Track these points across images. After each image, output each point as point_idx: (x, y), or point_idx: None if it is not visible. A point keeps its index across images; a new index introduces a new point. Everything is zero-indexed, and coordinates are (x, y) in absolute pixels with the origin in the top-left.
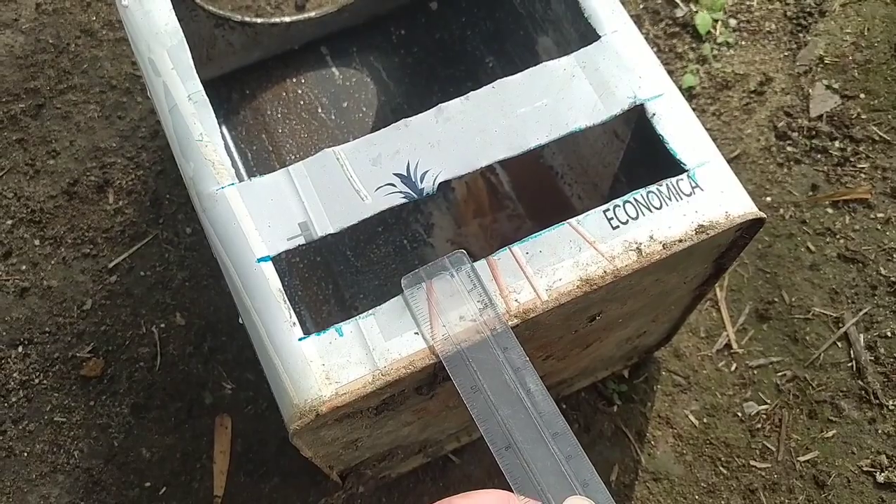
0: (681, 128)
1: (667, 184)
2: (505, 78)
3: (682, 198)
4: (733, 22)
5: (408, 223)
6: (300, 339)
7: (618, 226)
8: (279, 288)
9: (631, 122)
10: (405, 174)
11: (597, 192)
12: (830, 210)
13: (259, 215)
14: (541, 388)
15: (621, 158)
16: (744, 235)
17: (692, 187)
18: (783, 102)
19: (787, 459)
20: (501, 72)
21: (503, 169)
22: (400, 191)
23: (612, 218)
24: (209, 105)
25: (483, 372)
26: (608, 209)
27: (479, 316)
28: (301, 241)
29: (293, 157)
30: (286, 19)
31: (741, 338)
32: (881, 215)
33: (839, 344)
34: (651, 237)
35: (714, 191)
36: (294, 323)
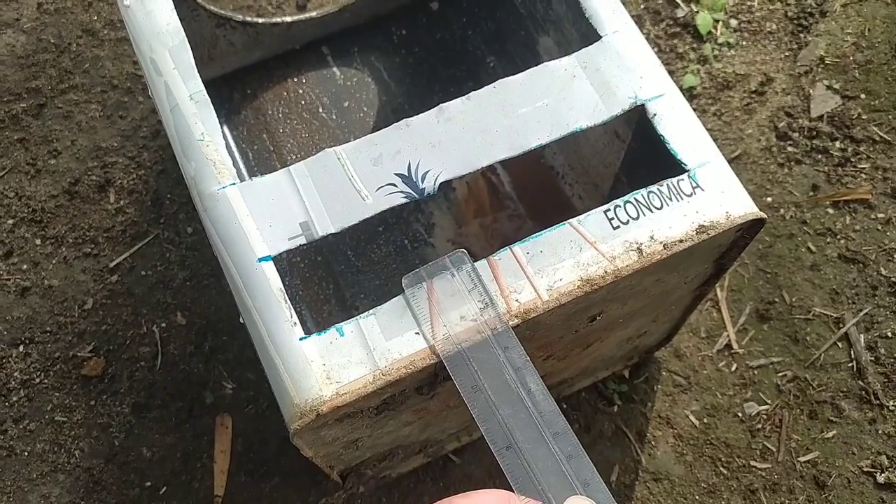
0: (682, 128)
1: (667, 184)
2: (506, 78)
3: (683, 198)
4: (734, 22)
5: (409, 223)
6: (301, 339)
7: (618, 226)
8: (280, 288)
9: (632, 123)
10: (406, 174)
11: (597, 193)
12: (831, 210)
13: (260, 215)
14: (541, 388)
15: (622, 158)
16: (744, 236)
17: (693, 187)
18: (784, 103)
19: (788, 460)
20: (502, 72)
21: (504, 169)
22: (401, 191)
23: (613, 218)
24: (210, 105)
25: (484, 372)
26: (609, 209)
27: (480, 316)
28: (302, 241)
29: (294, 157)
30: (287, 19)
31: (742, 338)
32: (882, 216)
33: (840, 344)
34: (652, 237)
35: (715, 191)
36: (295, 323)
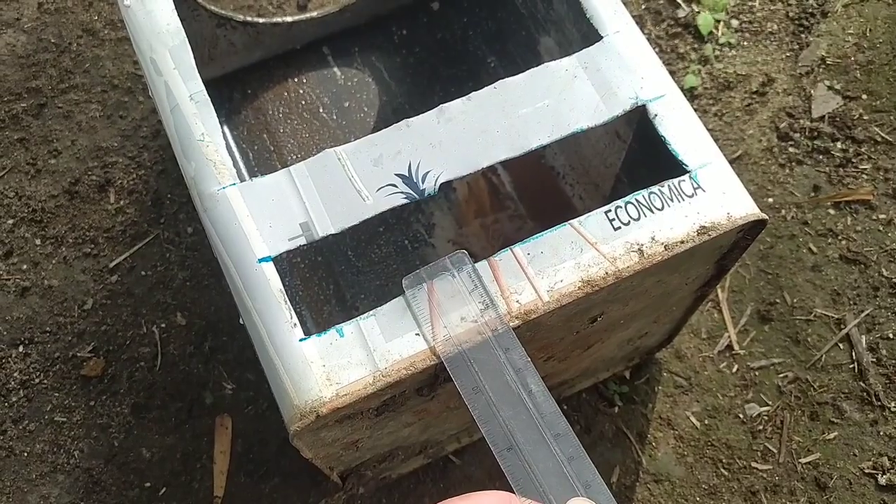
0: (682, 129)
1: (668, 185)
2: (507, 78)
3: (684, 199)
4: (735, 22)
5: (409, 223)
6: (301, 340)
7: (619, 227)
8: (280, 288)
9: (633, 123)
10: (406, 174)
11: (598, 193)
12: (832, 211)
13: (260, 215)
14: (542, 389)
15: (623, 159)
16: (745, 236)
17: (694, 188)
18: (785, 103)
19: (789, 461)
20: (503, 72)
21: (505, 169)
22: (401, 191)
23: (614, 219)
24: (211, 105)
25: (484, 373)
26: (610, 210)
27: (481, 317)
28: (302, 242)
29: (294, 157)
30: (288, 19)
31: (742, 339)
32: (883, 216)
33: (841, 345)
34: (653, 238)
35: (716, 192)
36: (295, 324)
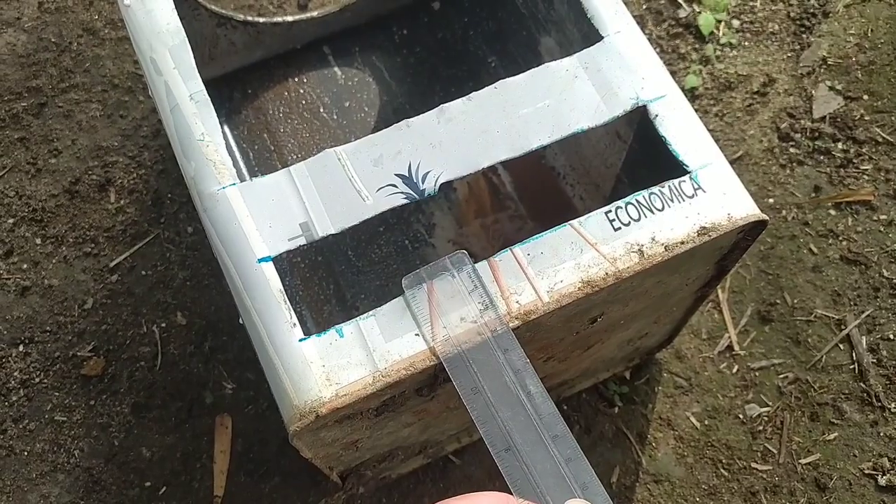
0: (683, 129)
1: (669, 185)
2: (507, 78)
3: (685, 199)
4: (736, 23)
5: (409, 223)
6: (300, 340)
7: (620, 227)
8: (280, 288)
9: (633, 124)
10: (407, 175)
11: (599, 194)
12: (833, 212)
13: (260, 215)
14: (541, 391)
15: (623, 159)
16: (746, 237)
17: (694, 189)
18: (786, 104)
19: (789, 462)
20: (504, 72)
21: (505, 169)
22: (401, 191)
23: (614, 219)
24: (211, 104)
25: (483, 373)
26: (610, 210)
27: (480, 317)
28: (302, 242)
29: (295, 157)
30: (288, 19)
31: (743, 339)
32: (884, 217)
33: (841, 346)
34: (653, 239)
35: (716, 192)
36: (294, 324)
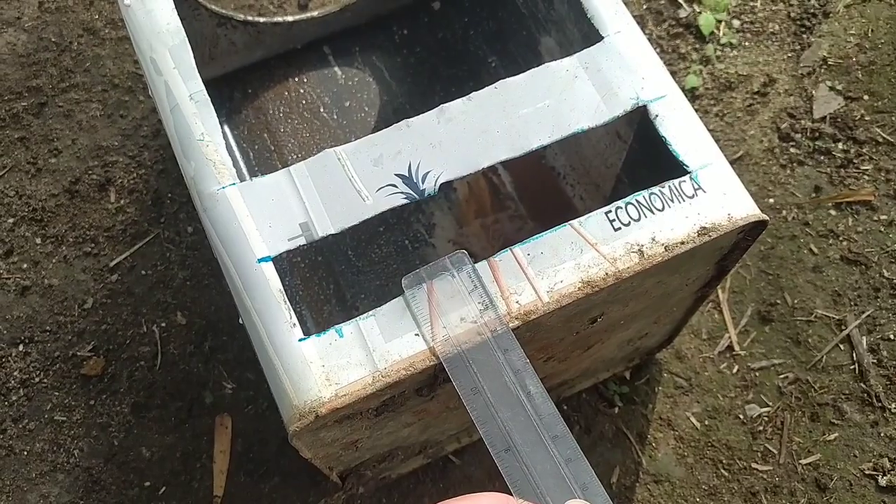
0: (683, 129)
1: (669, 185)
2: (507, 78)
3: (685, 199)
4: (737, 23)
5: (409, 223)
6: (300, 340)
7: (620, 227)
8: (279, 288)
9: (633, 124)
10: (407, 175)
11: (599, 194)
12: (833, 212)
13: (260, 215)
14: (541, 391)
15: (623, 159)
16: (746, 237)
17: (695, 189)
18: (786, 104)
19: (789, 462)
20: (504, 72)
21: (505, 169)
22: (401, 191)
23: (614, 219)
24: (211, 104)
25: (483, 374)
26: (610, 210)
27: (480, 317)
28: (302, 242)
29: (295, 157)
30: (289, 18)
31: (743, 340)
32: (884, 217)
33: (841, 346)
34: (653, 239)
35: (716, 192)
36: (294, 324)
